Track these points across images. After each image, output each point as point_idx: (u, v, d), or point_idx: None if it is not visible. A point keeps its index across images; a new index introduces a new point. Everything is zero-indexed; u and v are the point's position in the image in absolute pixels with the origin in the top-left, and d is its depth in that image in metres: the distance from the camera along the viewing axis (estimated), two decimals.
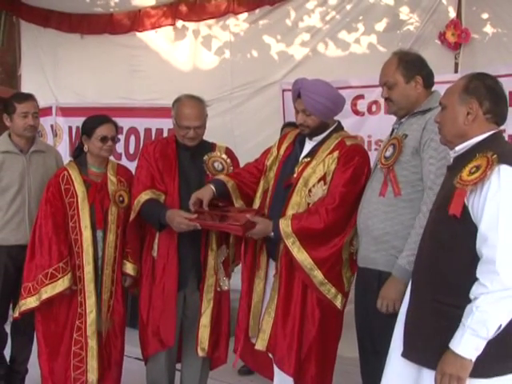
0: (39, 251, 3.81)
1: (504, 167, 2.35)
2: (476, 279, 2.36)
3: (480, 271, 2.36)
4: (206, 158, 3.86)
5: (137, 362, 4.38)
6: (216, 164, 3.87)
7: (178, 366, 4.07)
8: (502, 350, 2.40)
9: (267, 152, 3.83)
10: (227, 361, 3.97)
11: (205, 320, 3.79)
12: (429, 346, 2.51)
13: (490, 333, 2.33)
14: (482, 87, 2.56)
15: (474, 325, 2.33)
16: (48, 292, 3.75)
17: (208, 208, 3.58)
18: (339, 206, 3.36)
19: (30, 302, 3.80)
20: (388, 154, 3.20)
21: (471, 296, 2.36)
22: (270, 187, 3.66)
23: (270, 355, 3.57)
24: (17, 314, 3.89)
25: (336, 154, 3.46)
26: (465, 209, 2.42)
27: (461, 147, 2.57)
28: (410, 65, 3.26)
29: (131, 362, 4.51)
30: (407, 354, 2.61)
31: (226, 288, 3.91)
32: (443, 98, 2.69)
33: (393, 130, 3.39)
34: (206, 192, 3.60)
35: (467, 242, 2.41)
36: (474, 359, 2.36)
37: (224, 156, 3.92)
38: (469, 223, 2.41)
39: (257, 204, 3.68)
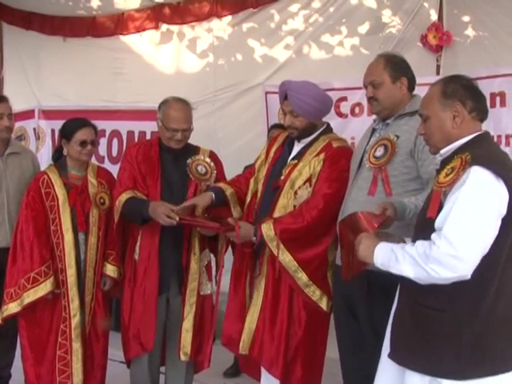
0: (21, 256, 3.79)
1: (475, 168, 2.34)
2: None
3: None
4: (189, 161, 3.85)
5: (121, 365, 4.36)
6: (199, 167, 3.86)
7: (163, 369, 4.06)
8: (479, 352, 2.41)
9: (259, 156, 3.85)
10: (210, 365, 3.95)
11: (187, 324, 3.79)
12: (408, 347, 2.54)
13: (392, 269, 2.49)
14: (460, 88, 2.56)
15: (396, 251, 2.48)
16: (30, 296, 3.73)
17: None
18: (323, 208, 3.36)
19: (11, 308, 3.77)
20: (379, 154, 3.19)
21: (419, 240, 2.44)
22: (260, 188, 3.67)
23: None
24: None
25: (322, 155, 3.48)
26: (441, 210, 2.42)
27: (446, 150, 2.57)
28: (397, 66, 3.30)
29: (116, 365, 4.49)
30: (392, 355, 2.63)
31: (209, 292, 3.91)
32: (422, 109, 2.66)
33: (373, 131, 3.40)
34: (204, 198, 3.62)
35: None
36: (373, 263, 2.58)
37: (208, 159, 3.91)
38: None
39: (247, 202, 3.68)
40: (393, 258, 2.47)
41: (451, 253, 2.30)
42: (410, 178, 3.13)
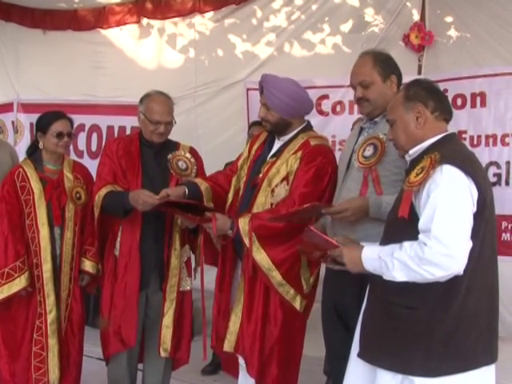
0: None
1: (446, 167, 2.40)
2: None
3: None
4: (170, 156, 3.85)
5: (98, 362, 4.35)
6: (180, 163, 3.85)
7: (141, 366, 4.04)
8: (450, 349, 2.45)
9: (241, 154, 3.82)
10: (189, 361, 3.96)
11: (167, 320, 3.78)
12: (380, 346, 2.57)
13: (385, 276, 2.50)
14: (420, 90, 2.64)
15: (384, 258, 2.49)
16: (4, 292, 3.69)
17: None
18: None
19: None
20: (368, 153, 3.15)
21: (405, 242, 2.44)
22: (242, 186, 3.65)
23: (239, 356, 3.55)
24: None
25: (299, 153, 3.45)
26: (413, 209, 2.48)
27: (414, 150, 2.63)
28: (386, 64, 3.25)
29: (93, 362, 4.48)
30: (362, 354, 2.66)
31: (188, 288, 3.89)
32: (389, 114, 2.74)
33: (361, 130, 3.35)
34: (178, 190, 3.60)
35: None
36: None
37: (188, 155, 3.91)
38: (417, 222, 2.46)
39: (229, 200, 3.67)
40: (383, 265, 2.49)
41: (443, 252, 2.34)
42: (402, 179, 2.98)
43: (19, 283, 3.68)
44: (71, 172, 3.93)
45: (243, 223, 3.36)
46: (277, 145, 3.61)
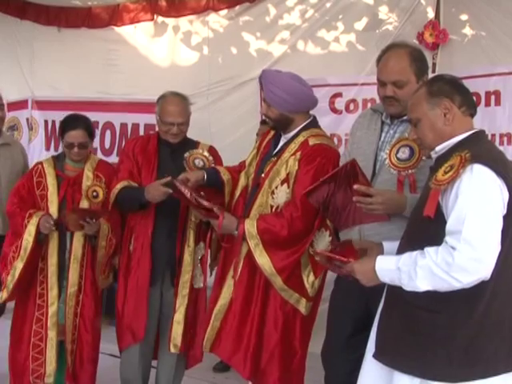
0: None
1: (477, 166, 2.31)
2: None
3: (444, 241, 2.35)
4: (187, 154, 3.85)
5: (111, 358, 4.37)
6: (197, 161, 3.85)
7: (155, 363, 4.05)
8: (471, 355, 2.39)
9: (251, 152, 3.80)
10: (203, 359, 3.95)
11: (178, 316, 3.78)
12: (398, 348, 2.50)
13: (405, 287, 2.41)
14: (444, 85, 2.54)
15: (404, 267, 2.39)
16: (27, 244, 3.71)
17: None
18: (303, 214, 3.26)
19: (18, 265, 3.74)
20: (404, 156, 3.00)
21: (428, 248, 2.35)
22: (250, 184, 3.62)
23: None
24: None
25: (298, 155, 3.37)
26: (439, 208, 2.39)
27: (441, 147, 2.54)
28: (421, 63, 3.08)
29: (105, 358, 4.48)
30: (378, 355, 2.60)
31: (202, 285, 3.89)
32: (411, 113, 2.62)
33: (382, 124, 3.20)
34: (197, 174, 3.61)
35: (440, 243, 2.36)
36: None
37: (206, 153, 3.90)
38: (442, 223, 2.37)
39: (236, 196, 3.63)
40: (403, 276, 2.39)
41: (473, 256, 2.25)
42: None
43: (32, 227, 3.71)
44: (93, 171, 3.95)
45: (249, 225, 3.30)
46: (281, 142, 3.56)
